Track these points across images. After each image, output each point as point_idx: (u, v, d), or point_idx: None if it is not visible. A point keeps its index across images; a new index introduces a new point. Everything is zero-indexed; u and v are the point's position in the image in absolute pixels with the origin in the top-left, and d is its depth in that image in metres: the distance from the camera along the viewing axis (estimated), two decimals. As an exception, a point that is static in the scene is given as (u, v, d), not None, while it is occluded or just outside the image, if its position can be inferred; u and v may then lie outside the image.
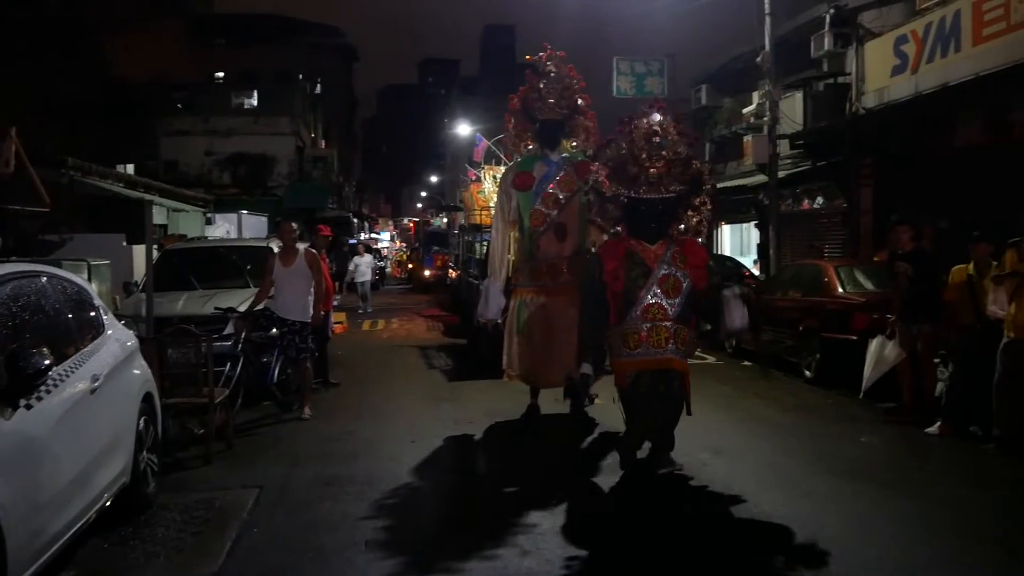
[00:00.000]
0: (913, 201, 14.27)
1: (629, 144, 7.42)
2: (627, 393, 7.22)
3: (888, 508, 6.48)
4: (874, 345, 9.76)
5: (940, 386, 9.22)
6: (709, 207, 7.65)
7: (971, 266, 8.78)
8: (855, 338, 10.30)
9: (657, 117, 7.45)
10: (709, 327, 8.05)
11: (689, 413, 7.34)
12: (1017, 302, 7.81)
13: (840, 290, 11.86)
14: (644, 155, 7.31)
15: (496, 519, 6.29)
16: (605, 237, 7.98)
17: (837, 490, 6.96)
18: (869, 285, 11.76)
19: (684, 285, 7.19)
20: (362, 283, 25.57)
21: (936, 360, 9.39)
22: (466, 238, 19.61)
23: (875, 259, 13.08)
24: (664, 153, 7.33)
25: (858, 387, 9.96)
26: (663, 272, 7.18)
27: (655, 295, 7.13)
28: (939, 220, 13.94)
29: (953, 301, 8.90)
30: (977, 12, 13.19)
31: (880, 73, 16.17)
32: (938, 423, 8.78)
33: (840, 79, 18.02)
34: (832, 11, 17.21)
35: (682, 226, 7.53)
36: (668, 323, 7.10)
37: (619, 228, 7.59)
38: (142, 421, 6.53)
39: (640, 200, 7.34)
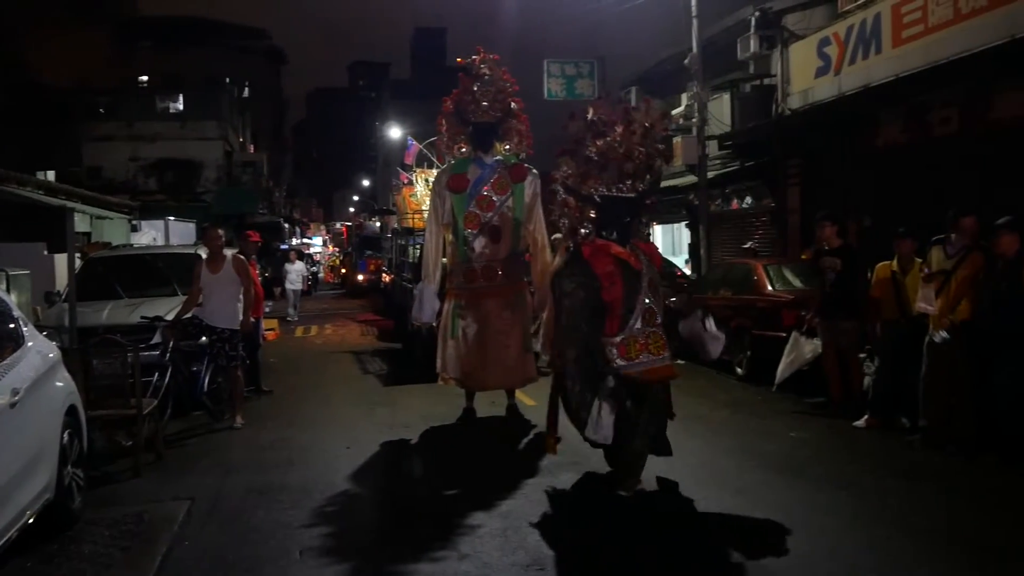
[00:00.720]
0: (839, 199, 14.57)
1: (624, 137, 7.04)
2: (620, 400, 6.70)
3: (819, 501, 6.59)
4: (791, 341, 9.94)
5: (867, 380, 9.41)
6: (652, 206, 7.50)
7: (895, 262, 8.97)
8: (784, 335, 10.44)
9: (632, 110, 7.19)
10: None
11: (671, 417, 7.25)
12: (944, 299, 7.98)
13: (769, 288, 12.03)
14: (609, 149, 7.01)
15: (434, 524, 6.25)
16: (559, 236, 7.94)
17: (769, 484, 7.06)
18: (797, 283, 11.96)
19: (659, 287, 6.99)
20: (293, 291, 24.99)
21: (862, 355, 9.58)
22: (399, 242, 19.53)
23: (802, 257, 13.29)
24: (640, 150, 7.01)
25: (787, 384, 10.13)
26: (649, 276, 6.85)
27: (649, 299, 6.76)
28: (863, 217, 14.25)
29: (878, 297, 9.08)
30: (896, 14, 13.48)
31: (804, 74, 16.44)
32: (865, 416, 8.95)
33: (766, 81, 18.29)
34: (757, 14, 17.46)
35: (639, 227, 7.35)
36: (658, 328, 6.78)
37: (584, 231, 7.16)
38: (66, 435, 6.35)
39: (615, 200, 6.97)
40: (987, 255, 7.85)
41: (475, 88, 9.68)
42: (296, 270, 25.42)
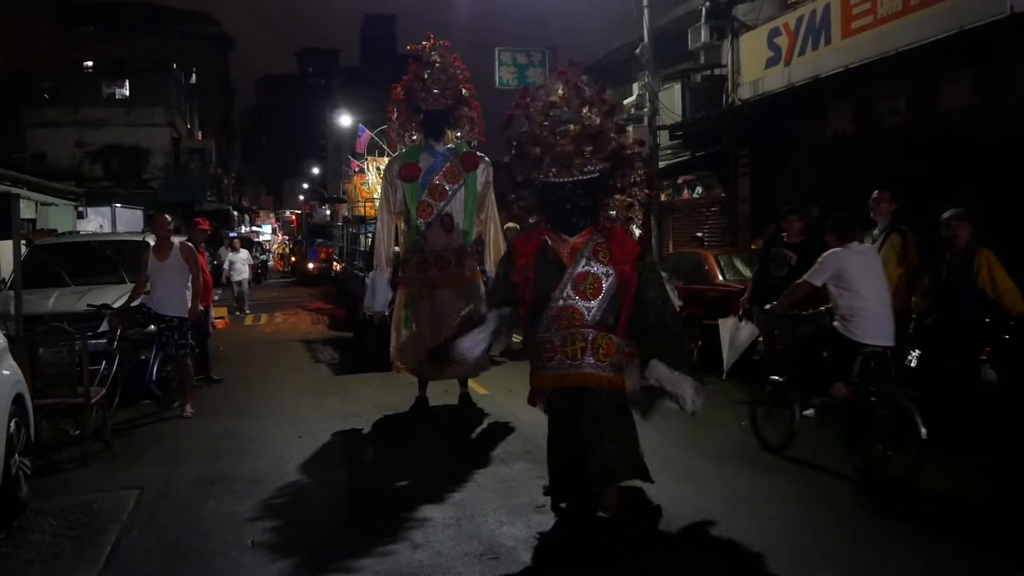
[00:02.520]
0: (788, 189, 14.71)
1: (528, 120, 6.27)
2: (549, 414, 6.24)
3: (767, 488, 6.68)
4: (729, 325, 10.01)
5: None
6: (645, 190, 6.42)
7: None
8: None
9: (560, 88, 6.28)
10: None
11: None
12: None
13: (720, 278, 12.14)
14: (546, 132, 6.15)
15: (386, 513, 6.25)
16: (512, 226, 7.56)
17: (719, 472, 7.15)
18: (747, 273, 12.05)
19: (606, 284, 6.00)
20: (239, 282, 22.77)
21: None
22: (350, 230, 19.42)
23: (752, 247, 13.42)
24: (571, 127, 6.11)
25: (737, 372, 10.22)
26: (580, 269, 6.02)
27: (567, 297, 5.98)
28: (811, 208, 14.41)
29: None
30: (846, 6, 13.62)
31: (755, 65, 16.57)
32: (815, 405, 9.04)
33: (717, 71, 18.41)
34: (708, 4, 17.53)
35: (612, 213, 6.30)
36: (584, 330, 5.94)
37: (534, 219, 6.47)
38: (13, 423, 6.25)
39: (553, 185, 6.14)
40: (904, 237, 7.98)
41: (425, 75, 9.62)
42: (242, 259, 23.25)
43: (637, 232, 6.48)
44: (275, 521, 6.12)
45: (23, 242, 11.35)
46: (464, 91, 9.76)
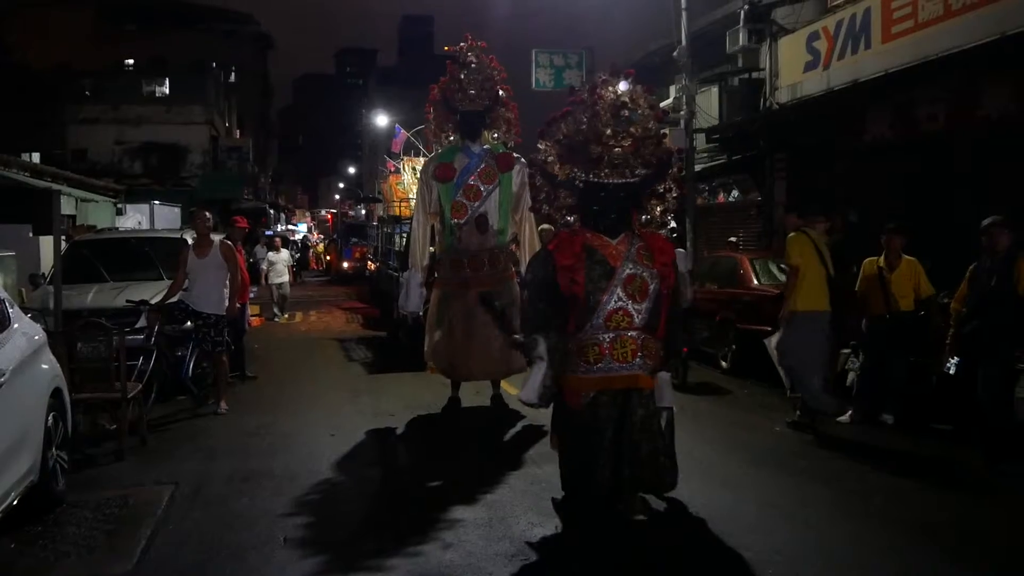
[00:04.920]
0: (825, 194, 14.58)
1: (591, 118, 6.10)
2: (581, 417, 6.07)
3: (802, 494, 6.63)
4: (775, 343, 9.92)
5: (851, 376, 9.44)
6: (675, 194, 6.43)
7: (881, 258, 9.00)
8: (770, 329, 10.47)
9: (624, 86, 6.19)
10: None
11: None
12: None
13: (755, 282, 12.08)
14: (610, 131, 6.04)
15: (418, 513, 6.26)
16: (547, 227, 7.51)
17: (753, 477, 7.10)
18: (783, 277, 11.97)
19: (652, 287, 6.01)
20: (279, 284, 20.88)
21: (847, 351, 9.62)
22: (385, 230, 19.51)
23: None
24: (632, 130, 6.06)
25: (772, 377, 10.13)
26: (628, 272, 6.00)
27: (619, 299, 5.96)
28: (849, 213, 14.29)
29: (864, 292, 9.12)
30: (886, 10, 13.49)
31: (793, 69, 16.45)
32: (850, 411, 8.99)
33: (755, 74, 18.28)
34: (747, 7, 17.43)
35: (645, 217, 6.31)
36: (634, 332, 5.97)
37: (571, 219, 6.36)
38: (51, 417, 6.34)
39: (600, 186, 6.10)
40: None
41: (462, 76, 9.62)
42: (283, 260, 21.34)
43: (669, 233, 6.47)
44: (307, 518, 6.15)
45: (63, 238, 11.48)
46: (501, 92, 9.75)
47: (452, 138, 9.89)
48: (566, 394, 6.22)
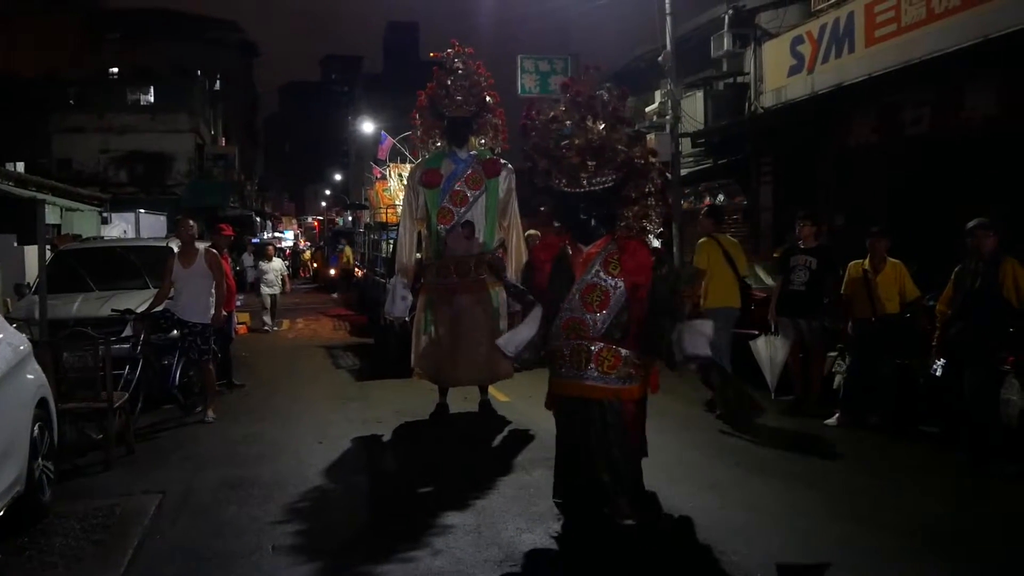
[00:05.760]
0: (810, 197, 14.66)
1: (537, 133, 6.31)
2: (557, 420, 6.45)
3: (791, 497, 6.64)
4: (762, 345, 9.97)
5: (838, 379, 9.47)
6: (657, 200, 6.32)
7: (867, 261, 9.04)
8: (757, 332, 10.49)
9: (560, 101, 6.32)
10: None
11: (645, 454, 6.44)
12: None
13: (742, 285, 12.06)
14: (551, 145, 6.17)
15: (406, 520, 6.25)
16: (532, 232, 7.54)
17: (741, 481, 7.10)
18: (769, 281, 12.01)
19: (613, 296, 6.01)
20: (271, 295, 19.80)
21: (833, 353, 9.66)
22: (372, 236, 19.46)
23: (775, 255, 13.35)
24: (575, 141, 6.09)
25: (759, 381, 10.17)
26: (589, 280, 6.06)
27: (574, 308, 6.06)
28: (834, 216, 14.36)
29: (850, 295, 9.15)
30: (870, 14, 13.57)
31: (777, 73, 16.52)
32: (837, 415, 9.01)
33: (739, 79, 18.36)
34: (731, 12, 17.52)
35: (626, 223, 6.26)
36: (586, 342, 6.01)
37: (558, 224, 6.54)
38: (36, 427, 6.29)
39: (564, 194, 6.19)
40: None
41: (449, 82, 9.63)
42: (275, 269, 20.01)
43: (655, 242, 6.34)
44: (296, 526, 6.13)
45: (48, 247, 11.44)
46: (488, 98, 9.76)
47: (439, 144, 9.90)
48: (547, 395, 6.55)
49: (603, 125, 6.15)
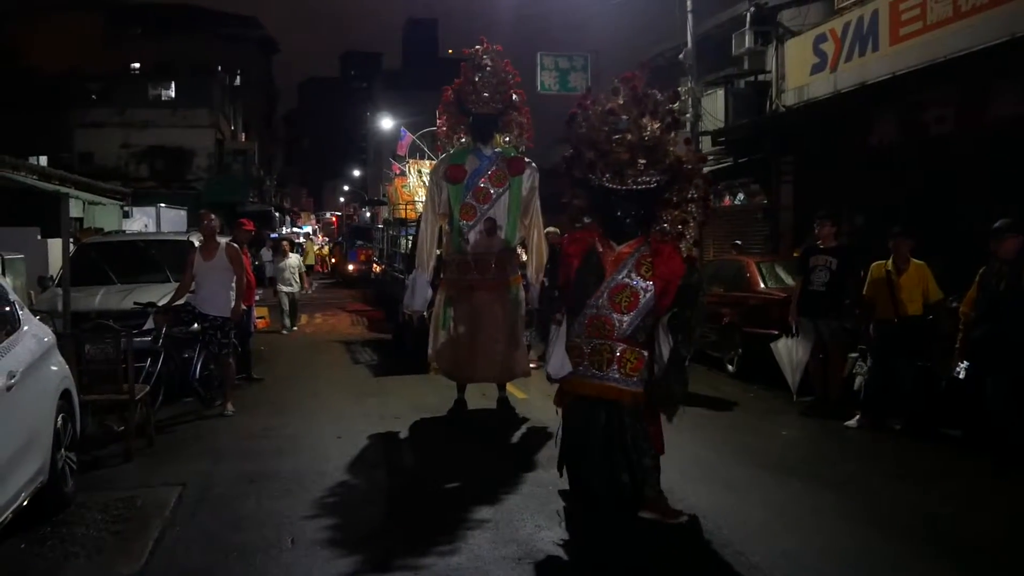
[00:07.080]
0: (832, 197, 14.57)
1: (587, 123, 6.22)
2: (566, 416, 6.35)
3: (809, 499, 6.61)
4: (782, 347, 9.92)
5: (859, 380, 9.42)
6: (698, 207, 6.23)
7: (889, 262, 8.98)
8: (776, 332, 10.46)
9: (620, 93, 6.21)
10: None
11: (661, 451, 6.22)
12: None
13: (761, 285, 12.05)
14: (602, 137, 6.06)
15: (424, 516, 6.26)
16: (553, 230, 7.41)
17: (760, 482, 7.08)
18: (789, 280, 11.96)
19: (642, 299, 5.97)
20: (290, 293, 18.66)
21: (855, 355, 9.61)
22: (391, 232, 19.48)
23: (795, 255, 13.30)
24: (627, 136, 6.00)
25: (778, 381, 10.14)
26: (620, 280, 6.02)
27: (602, 306, 6.01)
28: (855, 216, 14.28)
29: (871, 296, 9.10)
30: (894, 12, 13.48)
31: (800, 71, 16.44)
32: (857, 416, 8.97)
33: (761, 77, 18.29)
34: (752, 9, 17.44)
35: (664, 227, 6.16)
36: (611, 342, 5.98)
37: (587, 219, 6.46)
38: (60, 418, 6.35)
39: (605, 190, 6.07)
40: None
41: (477, 78, 9.60)
42: (291, 267, 18.75)
43: (685, 251, 6.15)
44: (314, 520, 6.15)
45: (71, 240, 11.52)
46: (515, 96, 9.74)
47: (464, 140, 9.89)
48: (557, 392, 6.46)
49: (659, 124, 6.06)
